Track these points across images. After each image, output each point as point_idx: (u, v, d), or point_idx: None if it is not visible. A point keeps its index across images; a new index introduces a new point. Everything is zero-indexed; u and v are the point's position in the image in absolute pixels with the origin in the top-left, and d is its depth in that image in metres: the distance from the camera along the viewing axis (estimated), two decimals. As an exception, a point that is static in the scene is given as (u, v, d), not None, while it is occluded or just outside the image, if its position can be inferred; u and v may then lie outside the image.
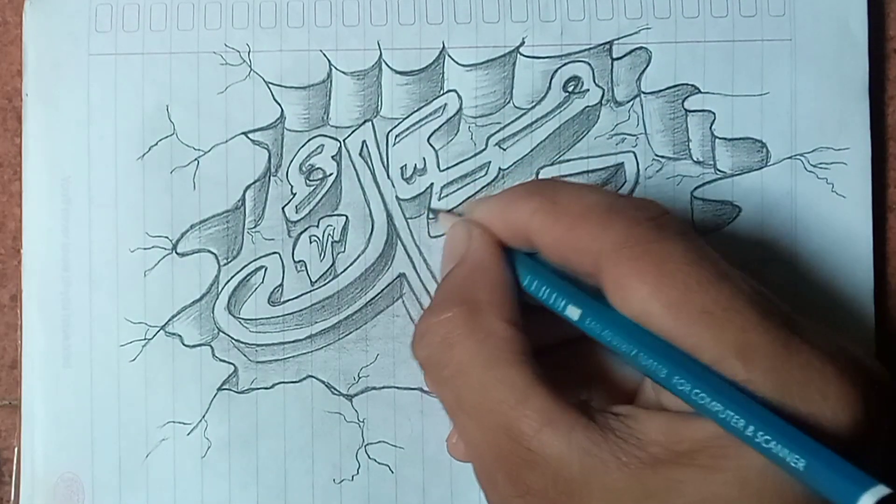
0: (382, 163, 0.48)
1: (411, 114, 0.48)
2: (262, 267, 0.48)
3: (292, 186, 0.48)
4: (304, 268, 0.48)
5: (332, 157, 0.48)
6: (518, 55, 0.48)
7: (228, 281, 0.48)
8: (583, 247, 0.37)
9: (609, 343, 0.37)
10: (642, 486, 0.34)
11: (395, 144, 0.48)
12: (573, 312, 0.38)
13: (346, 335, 0.47)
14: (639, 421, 0.36)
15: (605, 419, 0.36)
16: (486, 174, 0.48)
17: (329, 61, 0.48)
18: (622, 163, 0.48)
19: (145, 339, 0.47)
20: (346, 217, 0.48)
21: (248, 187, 0.48)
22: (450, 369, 0.38)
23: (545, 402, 0.36)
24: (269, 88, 0.48)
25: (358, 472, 0.47)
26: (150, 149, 0.47)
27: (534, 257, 0.41)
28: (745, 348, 0.34)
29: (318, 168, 0.48)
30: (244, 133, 0.48)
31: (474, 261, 0.41)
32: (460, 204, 0.47)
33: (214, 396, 0.47)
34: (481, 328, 0.38)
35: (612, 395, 0.42)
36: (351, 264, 0.48)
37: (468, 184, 0.48)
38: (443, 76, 0.48)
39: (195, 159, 0.47)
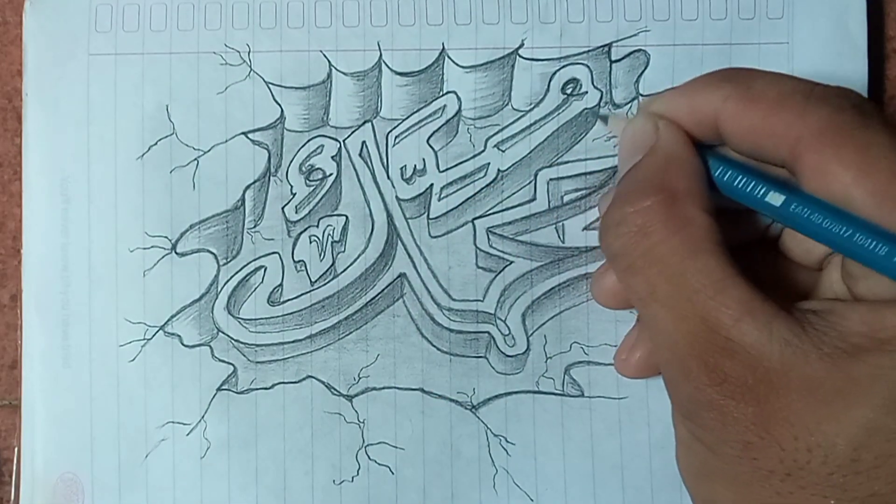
0: (382, 163, 0.48)
1: (411, 115, 0.48)
2: (261, 267, 0.48)
3: (292, 186, 0.48)
4: (303, 268, 0.48)
5: (332, 157, 0.48)
6: (517, 57, 0.48)
7: (228, 281, 0.47)
8: (780, 132, 0.37)
9: (813, 228, 0.37)
10: (844, 375, 0.34)
11: (394, 145, 0.48)
12: (775, 198, 0.38)
13: (347, 335, 0.47)
14: (836, 313, 0.36)
15: (802, 313, 0.36)
16: (485, 175, 0.48)
17: (329, 62, 0.48)
18: (620, 164, 0.48)
19: (144, 339, 0.47)
20: (346, 217, 0.48)
21: (247, 187, 0.48)
22: (645, 258, 0.38)
23: (744, 293, 0.36)
24: (269, 88, 0.48)
25: (358, 473, 0.47)
26: (149, 148, 0.47)
27: (717, 149, 0.41)
28: None
29: (317, 168, 0.48)
30: (244, 133, 0.48)
31: (667, 151, 0.40)
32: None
33: (214, 397, 0.47)
34: (680, 217, 0.38)
35: (785, 301, 0.41)
36: (351, 264, 0.48)
37: (467, 185, 0.48)
38: (442, 77, 0.48)
39: (195, 159, 0.47)
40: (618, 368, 0.44)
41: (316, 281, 0.47)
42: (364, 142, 0.48)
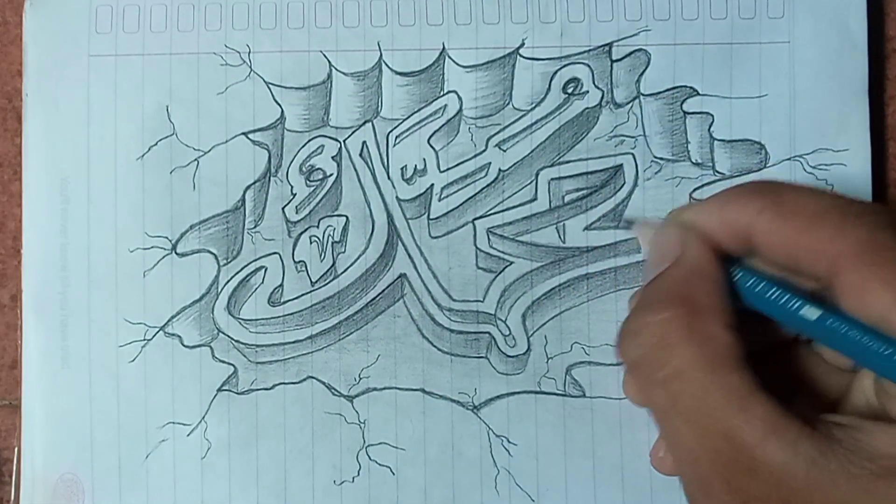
0: (383, 163, 0.48)
1: (411, 115, 0.48)
2: (262, 267, 0.48)
3: (292, 187, 0.48)
4: (304, 268, 0.47)
5: (333, 157, 0.48)
6: (518, 56, 0.48)
7: (228, 281, 0.47)
8: (817, 248, 0.37)
9: (849, 345, 0.37)
10: (872, 498, 0.34)
11: (395, 145, 0.48)
12: (810, 313, 0.38)
13: (347, 336, 0.47)
14: (866, 431, 0.35)
15: (829, 429, 0.35)
16: (486, 175, 0.48)
17: (329, 62, 0.48)
18: (621, 164, 0.48)
19: (145, 339, 0.47)
20: (347, 217, 0.48)
21: (248, 187, 0.48)
22: (666, 371, 0.37)
23: (769, 410, 0.35)
24: (270, 89, 0.48)
25: (359, 474, 0.47)
26: (149, 149, 0.47)
27: (746, 261, 0.40)
28: None
29: (318, 168, 0.48)
30: (244, 133, 0.48)
31: (692, 263, 0.40)
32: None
33: (214, 397, 0.47)
34: (702, 331, 0.37)
35: (814, 404, 0.41)
36: (351, 265, 0.47)
37: (468, 184, 0.48)
38: (443, 77, 0.48)
39: (195, 159, 0.47)
40: (654, 465, 0.43)
41: (316, 281, 0.47)
42: (364, 142, 0.48)
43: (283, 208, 0.48)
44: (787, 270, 0.39)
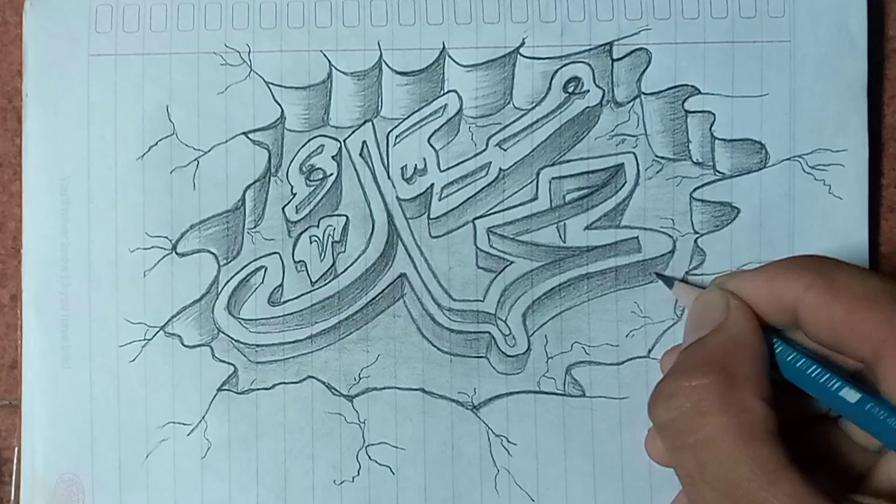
0: (383, 163, 0.48)
1: (412, 114, 0.48)
2: (262, 267, 0.48)
3: (292, 186, 0.48)
4: (304, 268, 0.47)
5: (333, 157, 0.48)
6: (518, 56, 0.48)
7: (228, 281, 0.47)
8: (864, 331, 0.37)
9: (887, 432, 0.37)
10: None
11: (395, 145, 0.48)
12: (850, 395, 0.38)
13: (347, 335, 0.47)
14: None
15: None
16: (486, 174, 0.48)
17: (329, 61, 0.48)
18: (622, 163, 0.48)
19: (145, 339, 0.47)
20: (347, 217, 0.48)
21: (248, 187, 0.47)
22: (697, 437, 0.37)
23: (796, 487, 0.35)
24: (270, 88, 0.48)
25: (358, 474, 0.47)
26: (149, 149, 0.47)
27: (788, 335, 0.41)
28: None
29: (318, 168, 0.48)
30: (244, 133, 0.48)
31: (734, 332, 0.40)
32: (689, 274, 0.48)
33: (214, 397, 0.47)
34: (737, 402, 0.37)
35: (837, 479, 0.41)
36: (351, 264, 0.47)
37: (469, 184, 0.48)
38: (443, 76, 0.48)
39: (195, 159, 0.47)
40: (648, 450, 0.44)
41: (316, 281, 0.47)
42: (364, 141, 0.48)
43: (283, 208, 0.48)
44: (829, 347, 0.39)
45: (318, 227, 0.48)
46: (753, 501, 0.36)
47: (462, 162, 0.48)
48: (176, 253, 0.47)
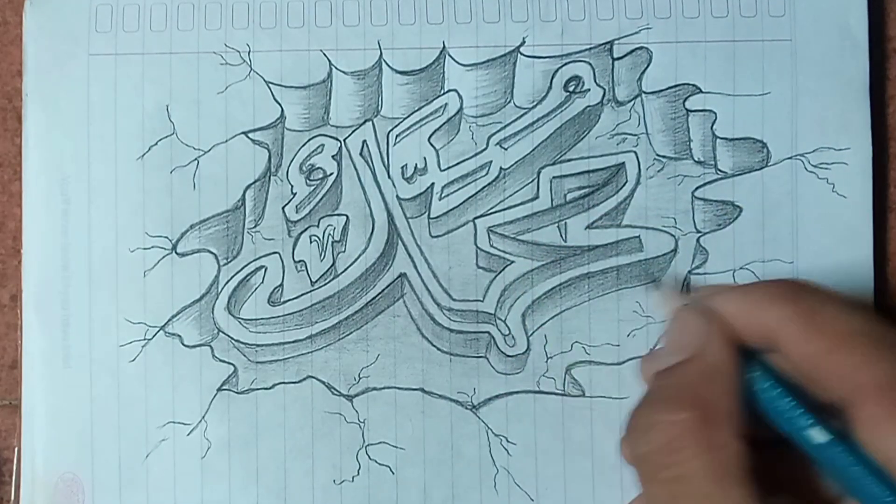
0: (383, 162, 0.48)
1: (412, 113, 0.48)
2: (262, 267, 0.48)
3: (292, 186, 0.48)
4: (304, 268, 0.47)
5: (333, 156, 0.48)
6: (519, 55, 0.48)
7: (228, 281, 0.47)
8: (842, 373, 0.36)
9: (851, 480, 0.36)
10: None
11: (395, 144, 0.48)
12: (819, 435, 0.37)
13: (347, 335, 0.47)
14: None
15: None
16: (487, 174, 0.48)
17: (329, 61, 0.48)
18: (623, 162, 0.48)
19: (145, 339, 0.47)
20: (347, 217, 0.48)
21: (248, 187, 0.48)
22: (671, 472, 0.37)
23: None
24: (270, 88, 0.48)
25: (358, 473, 0.47)
26: (149, 149, 0.47)
27: (764, 358, 0.40)
28: None
29: (318, 168, 0.48)
30: (244, 133, 0.48)
31: (711, 362, 0.39)
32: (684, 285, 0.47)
33: (214, 397, 0.47)
34: (713, 440, 0.37)
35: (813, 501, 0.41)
36: (351, 264, 0.47)
37: (469, 183, 0.48)
38: (443, 76, 0.48)
39: (195, 159, 0.47)
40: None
41: (316, 281, 0.47)
42: (365, 141, 0.48)
43: (283, 208, 0.48)
44: (806, 380, 0.38)
45: (318, 226, 0.48)
46: None
47: (462, 161, 0.48)
48: (176, 253, 0.47)
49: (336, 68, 0.48)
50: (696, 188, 0.48)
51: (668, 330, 0.43)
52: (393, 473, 0.47)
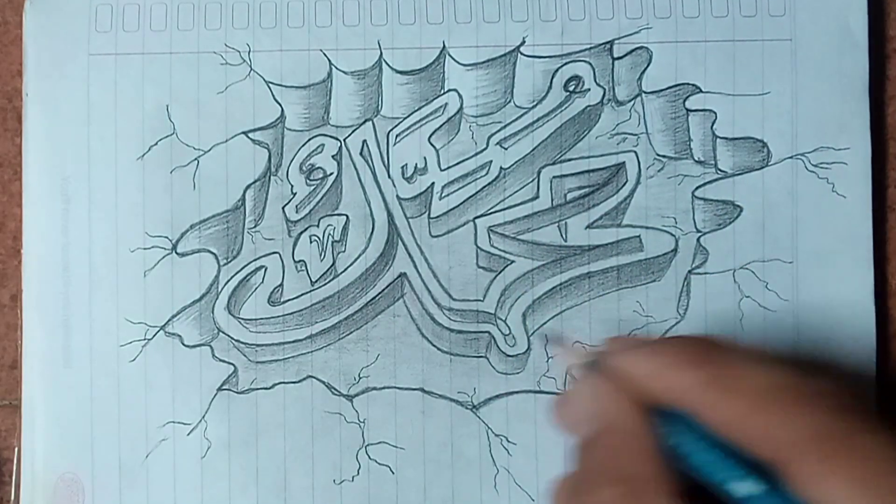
0: (383, 162, 0.48)
1: (412, 113, 0.48)
2: (262, 267, 0.48)
3: (292, 186, 0.48)
4: (304, 268, 0.47)
5: (333, 156, 0.48)
6: (519, 54, 0.48)
7: (228, 281, 0.47)
8: (765, 434, 0.34)
9: None
10: None
11: (395, 144, 0.48)
12: (747, 487, 0.35)
13: (347, 335, 0.47)
14: None
15: None
16: (487, 173, 0.48)
17: (329, 61, 0.48)
18: (623, 162, 0.48)
19: (145, 339, 0.47)
20: (347, 217, 0.48)
21: (248, 187, 0.47)
22: None
23: None
24: (270, 88, 0.48)
25: (358, 473, 0.47)
26: (150, 149, 0.47)
27: (686, 413, 0.37)
28: None
29: (318, 167, 0.48)
30: (244, 133, 0.48)
31: (625, 430, 0.37)
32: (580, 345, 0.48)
33: (214, 397, 0.47)
34: None
35: None
36: (351, 264, 0.47)
37: (469, 183, 0.48)
38: (443, 75, 0.48)
39: (195, 159, 0.47)
40: None
41: (316, 281, 0.47)
42: (365, 140, 0.48)
43: (283, 207, 0.48)
44: (730, 441, 0.36)
45: (318, 226, 0.48)
46: None
47: (462, 161, 0.48)
48: (176, 253, 0.47)
49: (336, 68, 0.48)
50: (697, 188, 0.48)
51: (576, 392, 0.40)
52: (393, 473, 0.47)
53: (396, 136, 0.48)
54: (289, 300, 0.47)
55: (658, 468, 0.36)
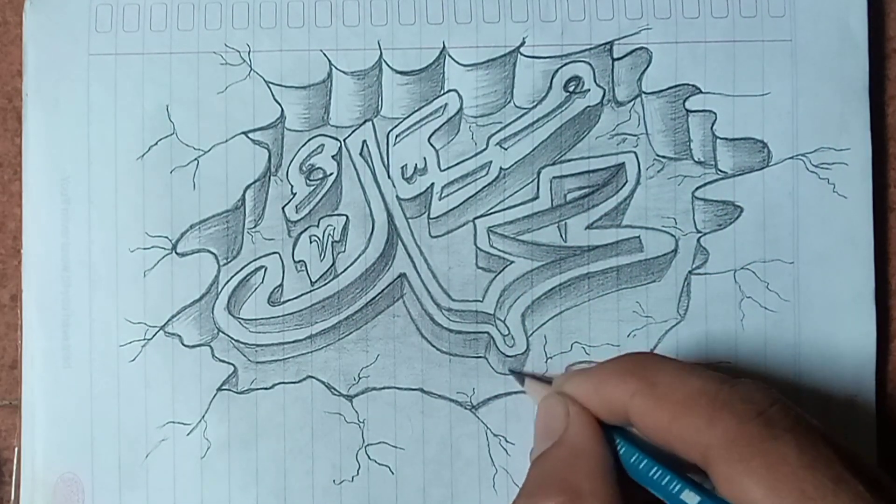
0: (383, 162, 0.48)
1: (412, 113, 0.48)
2: (261, 267, 0.48)
3: (292, 186, 0.48)
4: (304, 268, 0.47)
5: (333, 156, 0.48)
6: (519, 55, 0.48)
7: (228, 281, 0.47)
8: (688, 438, 0.37)
9: None
10: None
11: (395, 144, 0.48)
12: (689, 498, 0.37)
13: (347, 335, 0.47)
14: None
15: None
16: (487, 174, 0.48)
17: (329, 61, 0.48)
18: (623, 163, 0.48)
19: (145, 339, 0.47)
20: (347, 217, 0.48)
21: (248, 187, 0.48)
22: None
23: None
24: (270, 88, 0.48)
25: (358, 473, 0.47)
26: (149, 149, 0.47)
27: (628, 429, 0.40)
28: None
29: (318, 168, 0.48)
30: (244, 133, 0.48)
31: (575, 444, 0.40)
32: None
33: (214, 397, 0.47)
34: None
35: None
36: (351, 264, 0.47)
37: (469, 183, 0.48)
38: (443, 76, 0.48)
39: (195, 159, 0.47)
40: None
41: (316, 281, 0.47)
42: (365, 141, 0.48)
43: (283, 208, 0.48)
44: (663, 447, 0.39)
45: (318, 226, 0.48)
46: None
47: (462, 161, 0.48)
48: (176, 253, 0.47)
49: (336, 68, 0.48)
50: (697, 188, 0.48)
51: (536, 419, 0.43)
52: (392, 473, 0.47)
53: (396, 136, 0.48)
54: (289, 300, 0.47)
55: (605, 483, 0.38)
